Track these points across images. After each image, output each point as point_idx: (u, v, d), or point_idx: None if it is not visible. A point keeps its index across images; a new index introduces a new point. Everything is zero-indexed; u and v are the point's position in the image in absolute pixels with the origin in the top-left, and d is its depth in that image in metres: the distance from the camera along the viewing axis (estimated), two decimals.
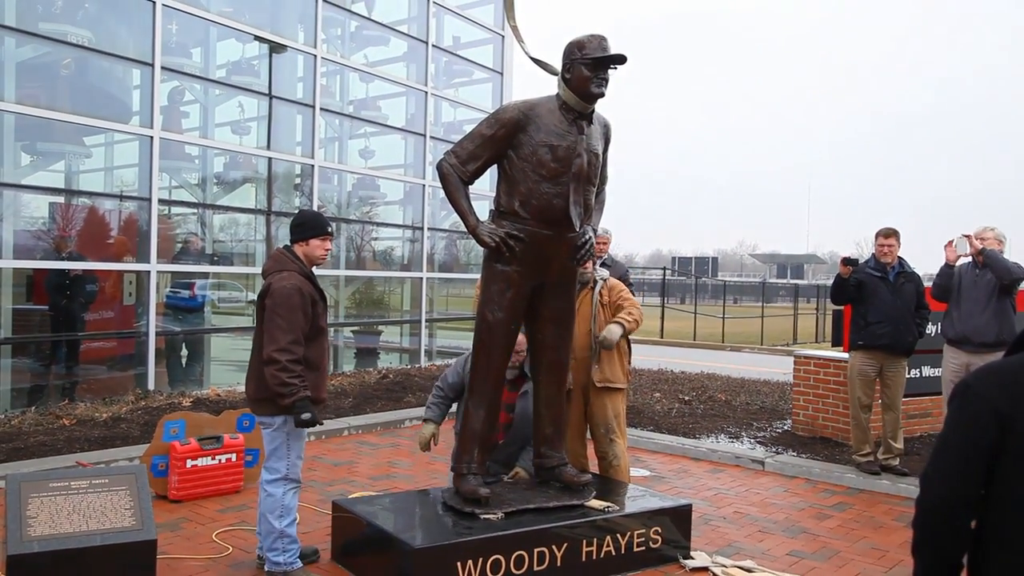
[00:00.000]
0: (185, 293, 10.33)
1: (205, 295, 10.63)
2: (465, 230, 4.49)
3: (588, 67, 4.27)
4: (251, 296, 11.58)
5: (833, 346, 8.37)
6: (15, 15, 8.08)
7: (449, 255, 14.31)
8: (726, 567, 4.66)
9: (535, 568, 4.24)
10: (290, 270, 4.23)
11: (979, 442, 1.95)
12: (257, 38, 10.41)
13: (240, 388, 9.63)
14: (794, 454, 7.44)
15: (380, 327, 13.55)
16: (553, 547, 4.30)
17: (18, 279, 8.66)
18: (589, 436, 5.51)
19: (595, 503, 4.64)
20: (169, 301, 10.06)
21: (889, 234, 6.79)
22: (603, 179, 4.73)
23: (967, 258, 6.31)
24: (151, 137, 9.01)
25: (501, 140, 4.37)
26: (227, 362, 11.25)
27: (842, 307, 7.48)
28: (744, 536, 5.34)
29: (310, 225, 4.38)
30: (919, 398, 7.98)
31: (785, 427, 8.57)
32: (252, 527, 5.15)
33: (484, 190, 11.34)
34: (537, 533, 4.28)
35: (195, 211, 10.85)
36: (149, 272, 9.03)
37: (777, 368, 14.22)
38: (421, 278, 12.84)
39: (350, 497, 5.21)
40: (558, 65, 4.50)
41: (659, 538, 4.70)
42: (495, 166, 4.52)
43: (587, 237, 4.51)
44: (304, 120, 11.22)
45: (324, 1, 10.98)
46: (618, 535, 4.52)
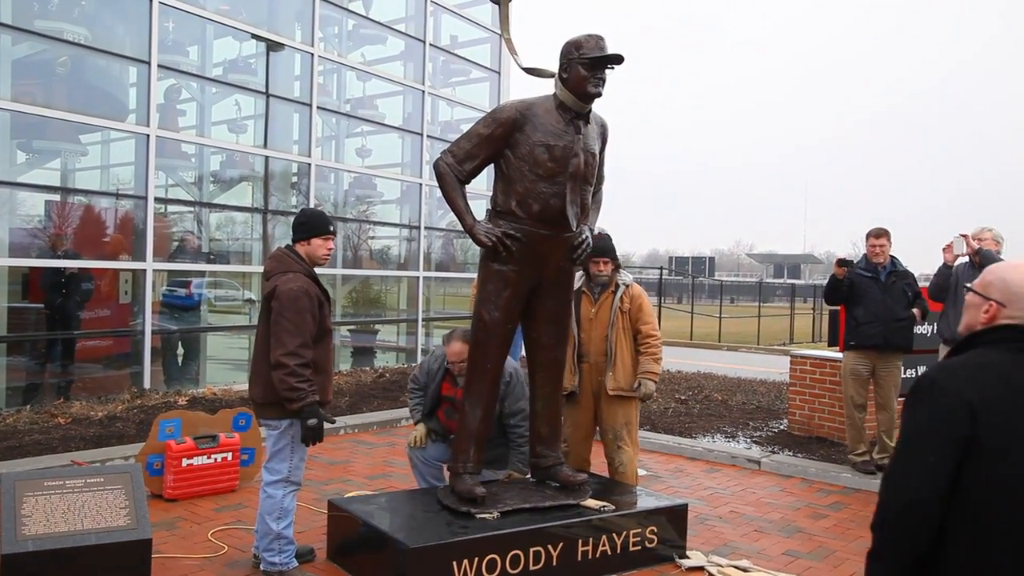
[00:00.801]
0: (181, 291, 10.31)
1: (201, 294, 10.61)
2: (462, 229, 4.48)
3: (585, 67, 4.26)
4: (248, 295, 11.56)
5: (829, 346, 8.37)
6: (11, 12, 8.05)
7: (446, 254, 14.31)
8: (722, 567, 4.66)
9: (531, 567, 4.24)
10: (295, 271, 4.18)
11: (952, 436, 1.93)
12: (254, 36, 10.40)
13: (236, 387, 9.62)
14: (790, 454, 7.45)
15: (377, 326, 13.54)
16: (549, 547, 4.30)
17: (14, 277, 8.64)
18: (598, 438, 5.51)
19: (591, 503, 4.63)
20: (165, 299, 10.04)
21: (879, 234, 6.81)
22: (600, 179, 4.74)
23: (964, 258, 6.31)
24: (147, 135, 8.99)
25: (498, 139, 4.36)
26: (223, 361, 11.23)
27: (836, 307, 7.50)
28: (740, 536, 5.34)
29: (312, 224, 4.34)
30: None
31: (781, 427, 8.57)
32: (248, 526, 5.14)
33: (480, 189, 11.34)
34: (533, 532, 4.27)
35: (192, 209, 10.83)
36: (145, 270, 9.02)
37: (773, 368, 14.23)
38: (418, 277, 12.84)
39: (346, 496, 5.20)
40: (552, 68, 4.51)
41: (655, 538, 4.70)
42: (492, 165, 4.51)
43: (584, 237, 4.53)
44: (301, 118, 11.20)
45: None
46: (614, 535, 4.52)
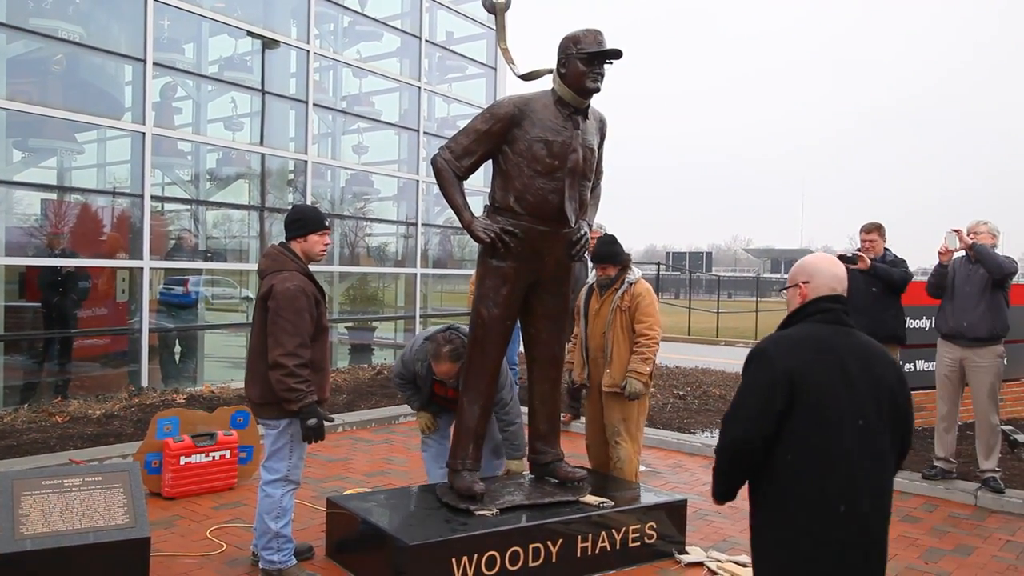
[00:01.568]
0: (179, 289, 10.29)
1: (199, 291, 10.59)
2: (459, 226, 4.47)
3: (584, 62, 4.24)
4: (245, 292, 11.55)
5: None
6: (5, 10, 8.02)
7: (443, 251, 14.29)
8: (721, 562, 4.66)
9: (530, 564, 4.24)
10: (291, 270, 4.14)
11: (775, 394, 2.49)
12: (250, 33, 10.37)
13: (234, 385, 9.61)
14: None
15: (374, 323, 13.53)
16: (548, 543, 4.30)
17: (10, 276, 8.61)
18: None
19: (590, 499, 4.63)
20: (162, 298, 10.02)
21: (871, 229, 6.84)
22: (598, 174, 4.72)
23: (960, 253, 6.31)
24: (143, 133, 8.96)
25: (496, 135, 4.34)
26: (221, 359, 11.22)
27: None
28: (739, 531, 5.34)
29: (308, 221, 4.28)
30: (913, 392, 7.97)
31: None
32: (246, 524, 5.14)
33: (478, 185, 11.33)
34: (532, 529, 4.27)
35: (188, 207, 10.81)
36: (142, 269, 9.00)
37: None
38: (415, 274, 12.82)
39: (344, 494, 5.20)
40: (549, 65, 4.49)
41: (654, 533, 4.70)
42: (490, 161, 4.50)
43: (582, 232, 4.51)
44: (297, 116, 11.18)
45: None
46: (613, 531, 4.52)
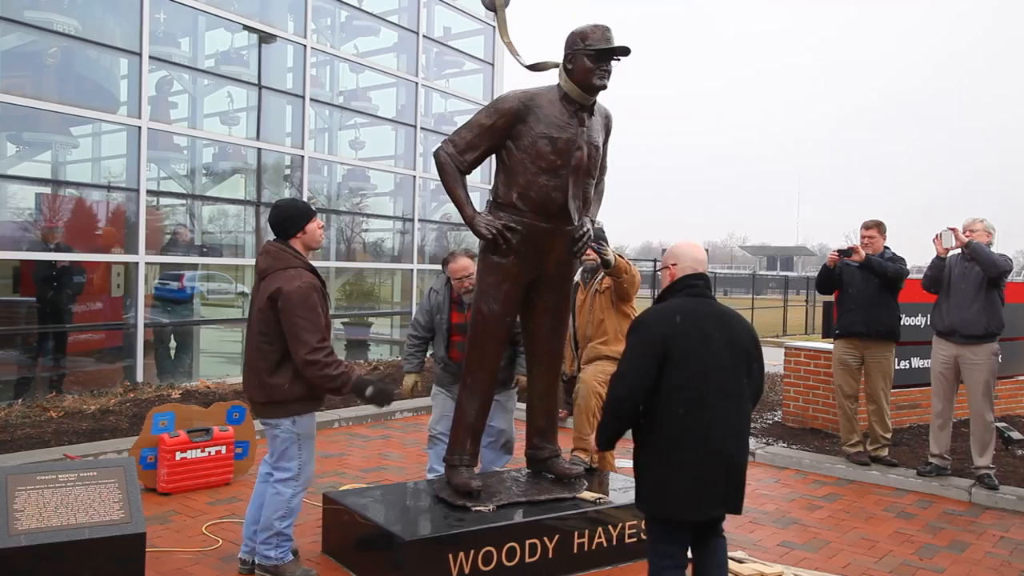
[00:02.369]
0: (174, 285, 10.26)
1: (194, 287, 10.57)
2: (456, 221, 4.45)
3: (591, 58, 4.16)
4: (241, 288, 11.52)
5: (823, 337, 8.40)
6: (0, 3, 7.99)
7: (440, 247, 14.27)
8: None
9: (527, 560, 4.23)
10: (295, 267, 4.08)
11: (652, 356, 3.20)
12: (246, 28, 10.33)
13: (230, 380, 9.60)
14: (784, 445, 7.46)
15: (370, 319, 13.51)
16: (545, 539, 4.30)
17: (4, 271, 8.58)
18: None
19: (587, 495, 4.63)
20: (158, 293, 10.00)
21: (870, 226, 6.87)
22: (602, 169, 4.67)
23: (956, 250, 6.31)
24: (139, 127, 8.93)
25: (500, 130, 4.28)
26: (216, 354, 11.20)
27: (830, 296, 7.52)
28: (735, 527, 5.34)
29: (299, 214, 4.21)
30: (908, 389, 8.02)
31: (775, 418, 8.59)
32: (242, 519, 5.11)
33: (475, 182, 11.31)
34: (529, 525, 4.27)
35: (184, 202, 10.78)
36: (137, 263, 8.98)
37: (767, 359, 14.22)
38: (412, 270, 12.80)
39: (341, 489, 5.20)
40: (556, 59, 4.43)
41: None
42: (493, 156, 4.46)
43: (585, 229, 4.45)
44: (294, 111, 11.15)
45: None
46: (609, 527, 4.52)
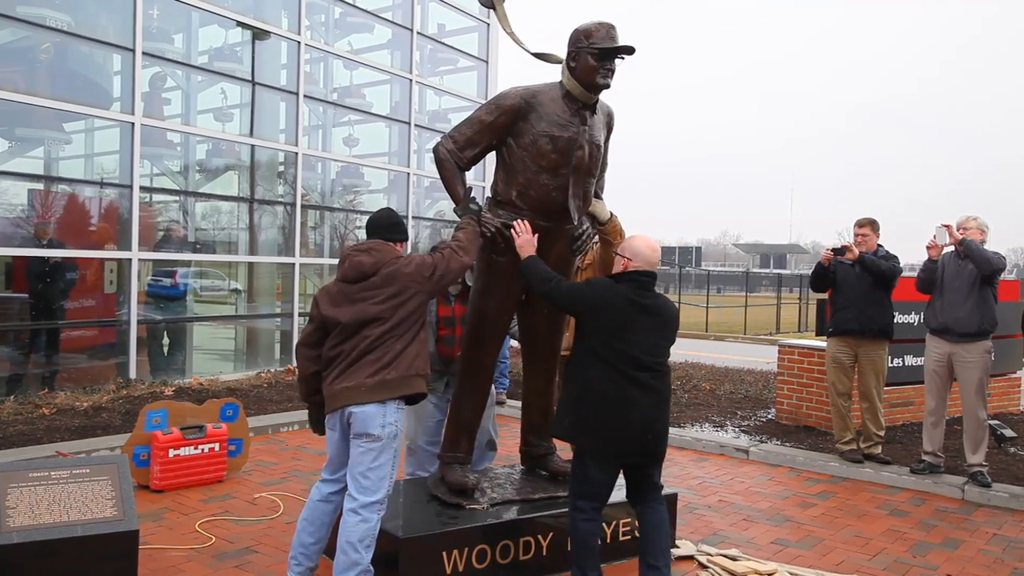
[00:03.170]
0: (167, 281, 10.23)
1: (187, 283, 10.54)
2: (450, 219, 4.44)
3: (595, 57, 4.11)
4: (234, 284, 11.50)
5: (817, 335, 8.42)
6: None
7: (433, 244, 14.26)
8: (711, 556, 4.67)
9: (521, 558, 4.23)
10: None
11: (585, 306, 3.85)
12: (240, 24, 10.30)
13: (223, 377, 9.58)
14: (778, 443, 7.47)
15: None
16: (539, 537, 4.29)
17: None
18: None
19: None
20: (151, 289, 9.96)
21: (863, 224, 6.88)
22: (603, 167, 4.66)
23: (949, 247, 6.33)
24: (132, 123, 8.90)
25: (501, 127, 4.24)
26: (209, 351, 11.18)
27: (823, 294, 7.54)
28: (729, 525, 5.36)
29: (403, 228, 4.06)
30: (902, 387, 8.04)
31: (769, 416, 8.60)
32: (235, 517, 5.13)
33: (473, 179, 11.29)
34: (523, 523, 4.27)
35: (177, 199, 10.74)
36: (131, 260, 8.95)
37: (761, 357, 14.29)
38: None
39: None
40: (561, 54, 4.38)
41: None
42: (493, 153, 4.42)
43: (585, 227, 4.43)
44: (288, 107, 11.12)
45: None
46: (603, 524, 4.52)
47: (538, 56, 4.57)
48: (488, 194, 4.53)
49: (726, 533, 5.19)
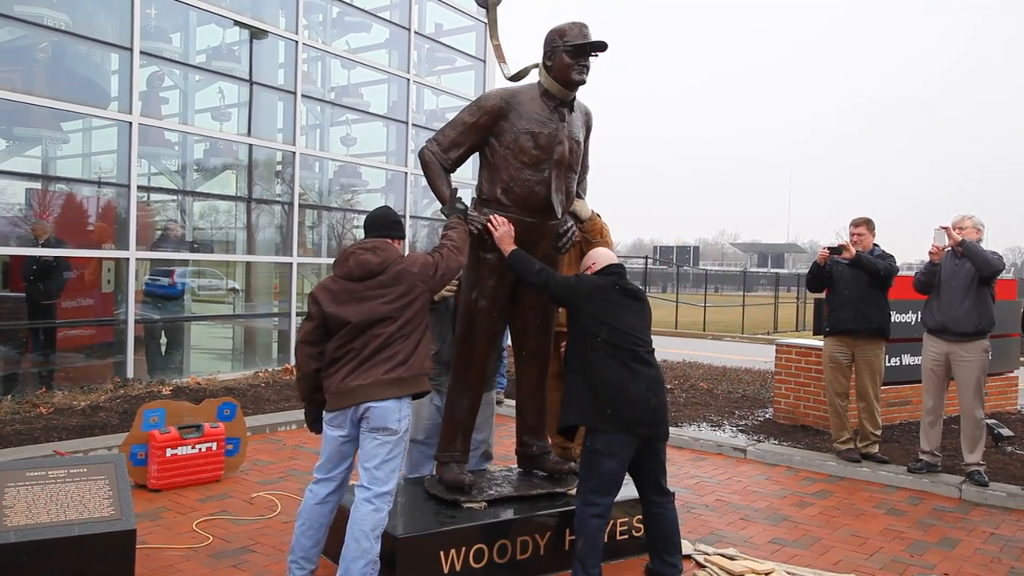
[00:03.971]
0: (165, 281, 10.23)
1: (185, 283, 10.53)
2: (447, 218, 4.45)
3: (569, 54, 4.25)
4: (232, 284, 11.50)
5: (814, 334, 8.44)
6: None
7: (431, 243, 14.25)
8: (708, 555, 4.67)
9: (518, 557, 4.23)
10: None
11: (572, 296, 4.17)
12: (237, 23, 10.30)
13: (221, 376, 9.58)
14: (776, 442, 7.48)
15: None
16: (536, 536, 4.30)
17: None
18: None
19: None
20: (148, 289, 9.96)
21: (859, 223, 6.88)
22: (584, 167, 4.74)
23: (948, 249, 6.33)
24: (130, 123, 8.90)
25: (483, 127, 4.36)
26: (207, 350, 11.17)
27: (820, 294, 7.54)
28: (726, 524, 5.36)
29: (402, 226, 4.13)
30: (899, 386, 8.04)
31: (767, 415, 8.61)
32: (233, 516, 5.13)
33: (466, 178, 11.30)
34: (520, 522, 4.27)
35: (175, 198, 10.73)
36: (128, 259, 8.94)
37: (758, 356, 14.31)
38: None
39: None
40: (536, 61, 4.48)
41: (642, 526, 4.69)
42: (477, 153, 4.49)
43: (569, 225, 4.56)
44: (285, 107, 11.12)
45: None
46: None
47: (514, 78, 4.63)
48: (473, 194, 4.58)
49: (723, 532, 5.19)
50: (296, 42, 10.85)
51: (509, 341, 4.97)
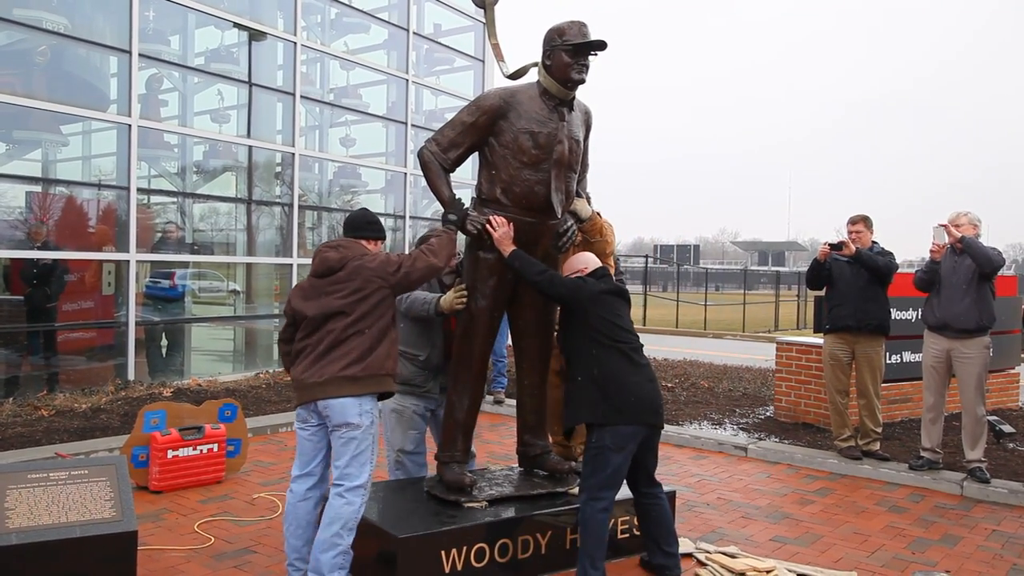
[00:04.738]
0: (165, 283, 10.23)
1: (185, 285, 10.54)
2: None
3: (568, 53, 4.24)
4: (232, 285, 11.50)
5: (815, 332, 8.44)
6: None
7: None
8: (710, 553, 4.67)
9: (519, 556, 4.23)
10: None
11: (577, 296, 4.21)
12: (236, 25, 10.30)
13: (221, 378, 9.58)
14: (777, 440, 7.48)
15: None
16: (537, 535, 4.30)
17: None
18: None
19: (578, 490, 4.62)
20: (149, 291, 9.96)
21: (856, 221, 6.87)
22: (584, 167, 4.73)
23: (948, 246, 6.33)
24: (129, 125, 8.90)
25: (482, 127, 4.35)
26: (208, 352, 11.17)
27: (819, 292, 7.53)
28: (727, 522, 5.36)
29: (380, 228, 4.22)
30: (900, 383, 8.04)
31: (767, 413, 8.61)
32: (234, 518, 5.13)
33: (465, 178, 11.31)
34: (521, 521, 4.27)
35: (175, 200, 10.74)
36: (128, 262, 8.95)
37: (759, 355, 14.30)
38: None
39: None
40: (534, 59, 4.47)
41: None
42: (477, 153, 4.49)
43: (569, 224, 4.53)
44: (284, 108, 11.12)
45: None
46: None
47: (512, 76, 4.63)
48: (473, 194, 4.58)
49: (725, 531, 5.19)
50: (295, 43, 10.85)
51: (510, 341, 4.97)
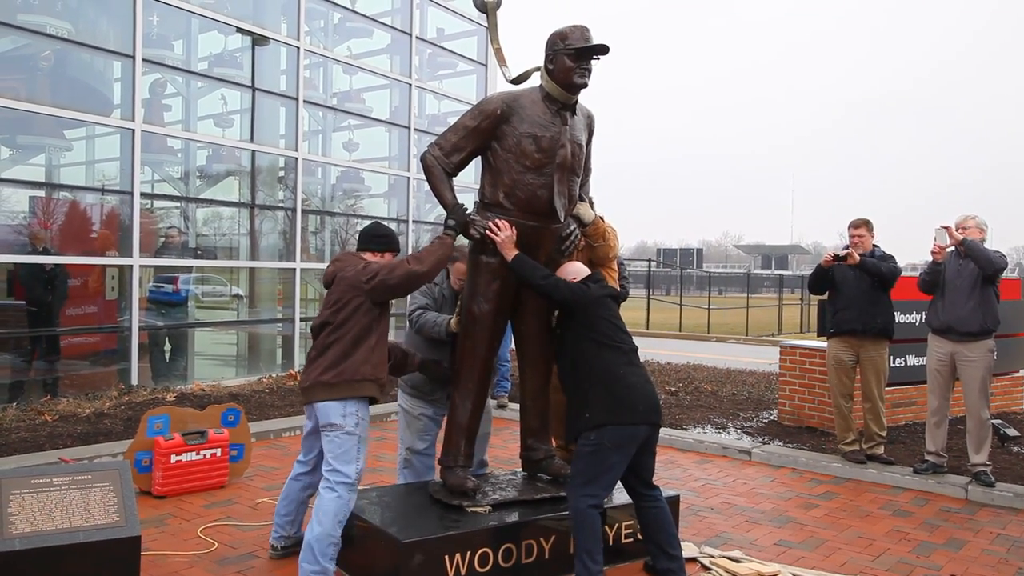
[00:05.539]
0: (168, 287, 10.25)
1: (188, 289, 10.55)
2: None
3: (571, 57, 4.25)
4: (236, 290, 11.51)
5: (818, 336, 8.43)
6: None
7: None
8: (714, 558, 4.66)
9: (523, 561, 4.23)
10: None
11: (580, 298, 4.23)
12: (239, 30, 10.32)
13: (225, 382, 9.58)
14: (780, 444, 7.46)
15: None
16: (541, 539, 4.29)
17: None
18: None
19: None
20: (152, 295, 9.98)
21: (859, 224, 6.86)
22: (587, 171, 4.73)
23: (951, 248, 6.32)
24: (132, 130, 8.92)
25: (485, 131, 4.34)
26: (211, 357, 11.17)
27: (821, 297, 7.52)
28: (732, 526, 5.35)
29: (392, 240, 4.44)
30: (904, 387, 8.03)
31: (771, 417, 8.59)
32: (238, 523, 5.13)
33: (468, 182, 11.31)
34: (525, 525, 4.27)
35: (178, 205, 10.76)
36: (132, 266, 8.95)
37: (762, 358, 14.27)
38: None
39: None
40: (537, 63, 4.48)
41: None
42: (479, 157, 4.49)
43: (572, 229, 4.54)
44: (287, 113, 11.13)
45: None
46: (606, 527, 4.51)
47: (515, 80, 4.63)
48: (476, 198, 4.58)
49: (729, 535, 5.18)
50: (298, 48, 10.87)
51: (513, 345, 4.97)
